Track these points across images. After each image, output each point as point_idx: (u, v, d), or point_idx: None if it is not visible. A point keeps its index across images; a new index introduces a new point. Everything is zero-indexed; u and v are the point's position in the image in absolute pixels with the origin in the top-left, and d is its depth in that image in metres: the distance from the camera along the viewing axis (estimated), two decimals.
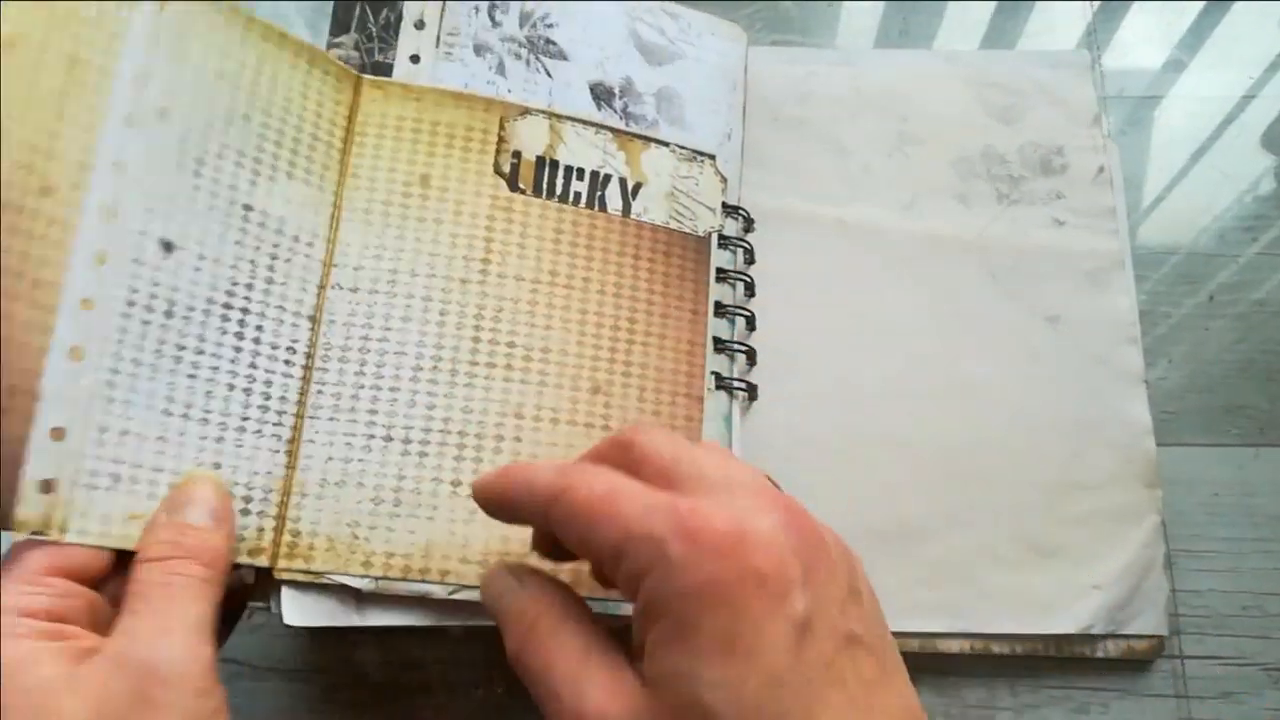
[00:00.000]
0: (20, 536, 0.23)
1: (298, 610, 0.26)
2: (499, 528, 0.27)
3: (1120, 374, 0.35)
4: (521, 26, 0.33)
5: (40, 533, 0.23)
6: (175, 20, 0.26)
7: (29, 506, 0.23)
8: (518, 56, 0.33)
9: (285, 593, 0.26)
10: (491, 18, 0.33)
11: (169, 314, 0.26)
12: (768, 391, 0.33)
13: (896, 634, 0.33)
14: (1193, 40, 0.42)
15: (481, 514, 0.27)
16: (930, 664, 0.33)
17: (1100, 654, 0.32)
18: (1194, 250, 0.38)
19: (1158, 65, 0.42)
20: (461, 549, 0.28)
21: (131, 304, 0.25)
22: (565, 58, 0.34)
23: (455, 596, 0.27)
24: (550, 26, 0.34)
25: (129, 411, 0.25)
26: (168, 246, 0.26)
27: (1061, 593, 0.32)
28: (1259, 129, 0.40)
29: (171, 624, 0.22)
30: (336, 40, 0.32)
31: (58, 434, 0.24)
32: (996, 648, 0.32)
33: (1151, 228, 0.39)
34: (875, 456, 0.34)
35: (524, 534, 0.28)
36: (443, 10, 0.33)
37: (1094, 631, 0.32)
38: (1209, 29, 0.42)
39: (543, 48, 0.33)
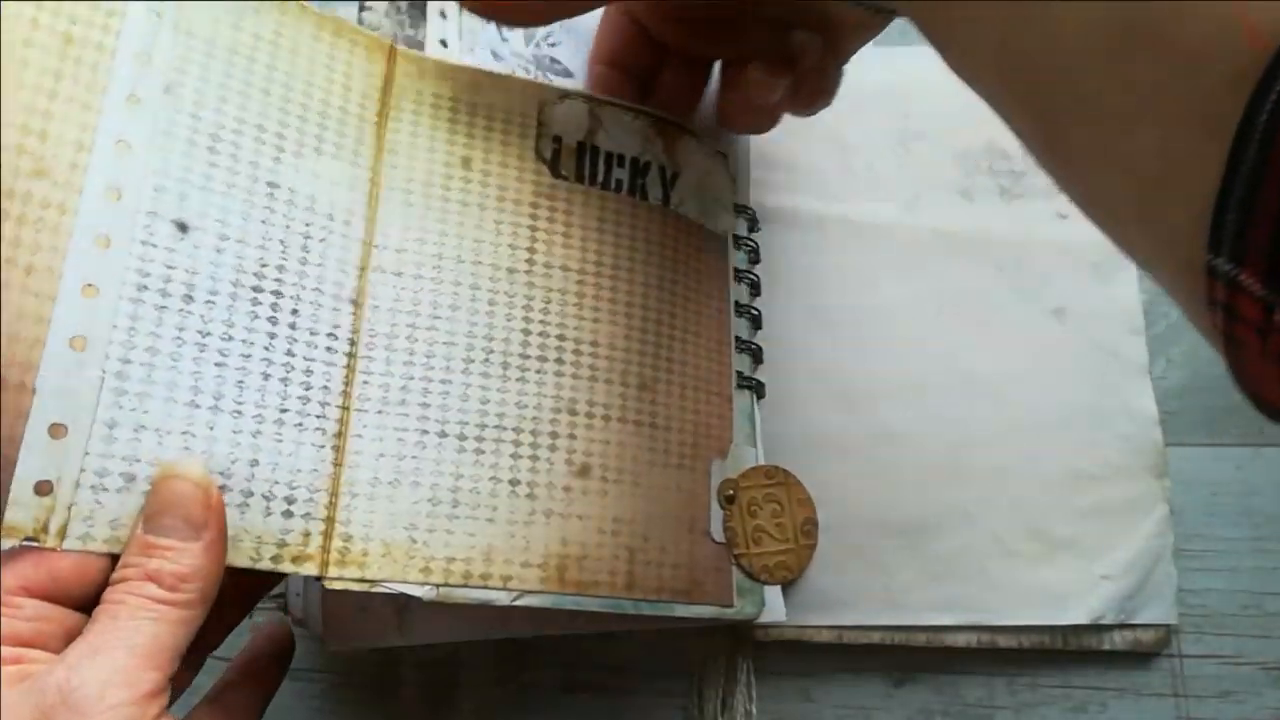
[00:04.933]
0: (10, 543, 0.20)
1: (340, 635, 0.24)
2: (560, 530, 0.27)
3: (1127, 365, 0.35)
4: (526, 45, 0.33)
5: (34, 539, 0.20)
6: None
7: (21, 511, 0.20)
8: (526, 72, 0.33)
9: (326, 619, 0.24)
10: (499, 32, 0.33)
11: (188, 298, 0.23)
12: (774, 390, 0.33)
13: (905, 629, 0.34)
14: None
15: (542, 515, 0.27)
16: (930, 663, 0.33)
17: (1107, 646, 0.33)
18: None
19: None
20: (523, 552, 0.26)
21: (143, 289, 0.22)
22: (570, 74, 0.34)
23: (519, 603, 0.25)
24: (553, 45, 0.33)
25: (145, 405, 0.22)
26: (182, 227, 0.23)
27: (1072, 584, 0.33)
28: None
29: (103, 646, 0.20)
30: (368, 4, 0.30)
31: (57, 431, 0.21)
32: (1003, 640, 0.32)
33: None
34: (884, 453, 0.34)
35: (584, 536, 0.27)
36: (460, 9, 0.32)
37: (1104, 621, 0.32)
38: None
39: (548, 65, 0.33)
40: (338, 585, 0.24)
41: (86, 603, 0.21)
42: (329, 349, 0.25)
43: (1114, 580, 0.33)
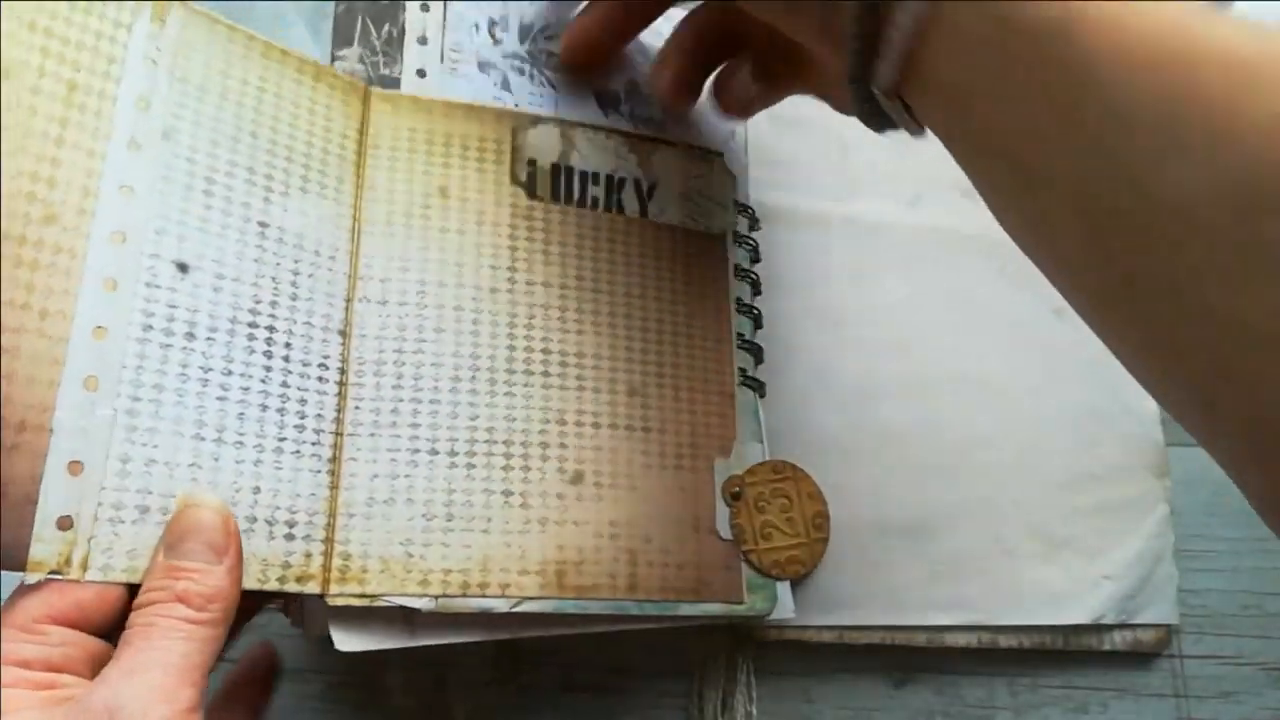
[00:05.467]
0: (36, 577, 0.21)
1: (349, 637, 0.25)
2: (556, 536, 0.28)
3: None
4: (522, 42, 0.33)
5: (58, 572, 0.22)
6: (173, 41, 0.26)
7: (45, 546, 0.22)
8: (521, 71, 0.33)
9: (333, 622, 0.25)
10: (492, 36, 0.33)
11: (190, 335, 0.24)
12: (775, 389, 0.33)
13: (905, 629, 0.34)
14: None
15: (537, 524, 0.27)
16: (930, 663, 0.33)
17: (1107, 646, 0.33)
18: None
19: None
20: (520, 560, 0.27)
21: (148, 329, 0.24)
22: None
23: (518, 609, 0.26)
24: (550, 39, 0.34)
25: (155, 439, 0.23)
26: (183, 268, 0.25)
27: (1073, 583, 0.33)
28: None
29: (139, 666, 0.21)
30: (340, 53, 0.31)
31: (75, 468, 0.22)
32: (1004, 641, 0.32)
33: None
34: (885, 452, 0.34)
35: (581, 541, 0.28)
36: (444, 25, 0.32)
37: (1105, 621, 0.32)
38: None
39: (545, 61, 0.33)
40: (340, 601, 0.25)
41: (108, 629, 0.22)
42: (320, 379, 0.26)
43: (1115, 580, 0.33)
